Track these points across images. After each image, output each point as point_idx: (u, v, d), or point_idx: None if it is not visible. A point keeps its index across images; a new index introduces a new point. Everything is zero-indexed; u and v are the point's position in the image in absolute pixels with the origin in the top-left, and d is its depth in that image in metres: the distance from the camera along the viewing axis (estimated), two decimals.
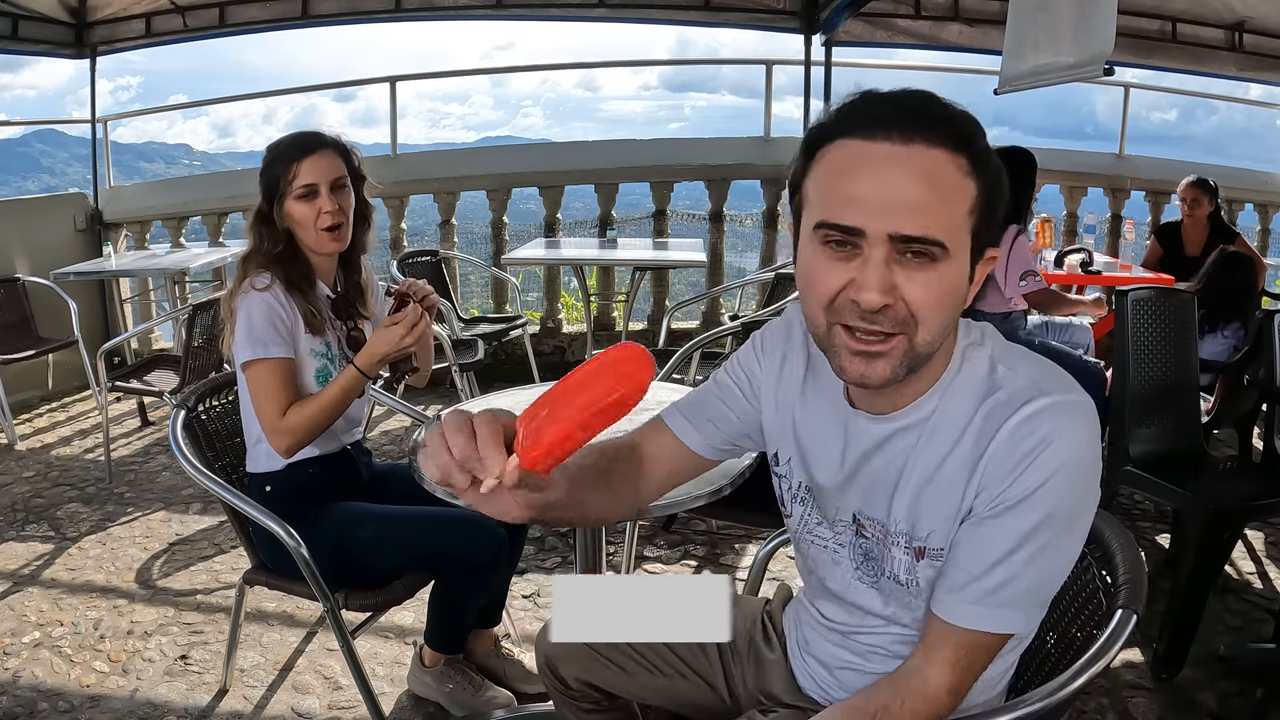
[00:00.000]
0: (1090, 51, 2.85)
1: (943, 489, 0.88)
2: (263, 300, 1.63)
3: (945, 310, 0.81)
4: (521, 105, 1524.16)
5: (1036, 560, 0.84)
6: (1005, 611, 0.86)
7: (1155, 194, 4.99)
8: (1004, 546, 0.84)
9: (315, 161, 1.67)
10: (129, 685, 2.04)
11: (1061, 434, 0.82)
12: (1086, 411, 0.84)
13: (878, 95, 0.82)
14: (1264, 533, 2.78)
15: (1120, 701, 1.93)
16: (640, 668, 1.21)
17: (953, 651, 0.87)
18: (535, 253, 4.30)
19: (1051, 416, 0.82)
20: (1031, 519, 0.83)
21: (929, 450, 0.89)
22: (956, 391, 0.88)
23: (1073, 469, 0.82)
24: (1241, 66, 4.85)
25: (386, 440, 3.81)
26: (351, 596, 1.68)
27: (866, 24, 4.84)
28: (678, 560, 2.64)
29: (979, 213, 0.81)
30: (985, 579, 0.85)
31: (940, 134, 0.78)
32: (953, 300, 0.81)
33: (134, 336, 4.76)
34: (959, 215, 0.79)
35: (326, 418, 1.67)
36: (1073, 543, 0.87)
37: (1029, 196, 3.03)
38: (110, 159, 5.38)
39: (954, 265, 0.80)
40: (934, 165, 0.78)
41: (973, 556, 0.86)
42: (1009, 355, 0.89)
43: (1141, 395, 2.32)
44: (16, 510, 3.10)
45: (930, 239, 0.77)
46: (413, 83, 6.41)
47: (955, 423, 0.87)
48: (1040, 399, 0.83)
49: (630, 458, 1.05)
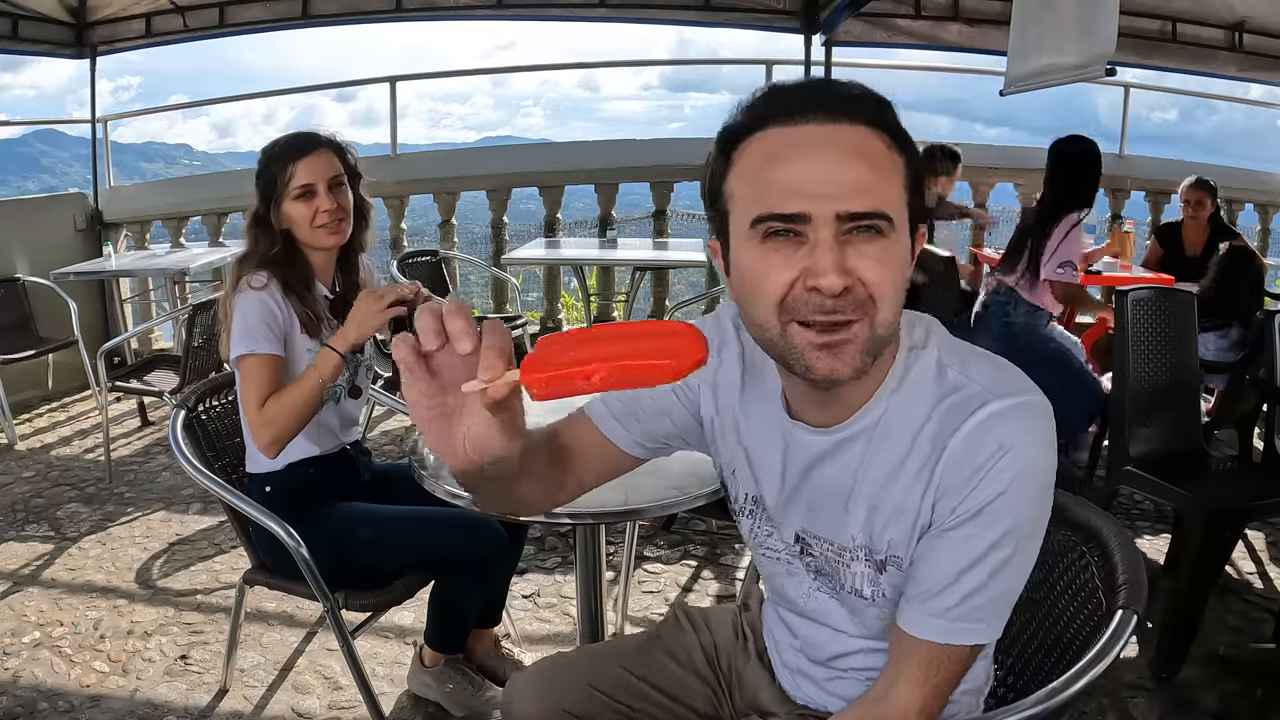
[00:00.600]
0: (1092, 52, 2.86)
1: (899, 497, 0.85)
2: (258, 299, 1.64)
3: (899, 286, 0.77)
4: (522, 105, 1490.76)
5: (1001, 572, 0.82)
6: (970, 625, 0.84)
7: (1155, 194, 5.00)
8: (967, 559, 0.82)
9: (311, 161, 1.67)
10: (129, 685, 2.04)
11: (1018, 440, 0.79)
12: (1042, 413, 0.82)
13: (787, 84, 0.80)
14: (1264, 533, 2.78)
15: (1120, 702, 1.93)
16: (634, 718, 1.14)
17: (920, 670, 0.85)
18: (535, 253, 4.30)
19: (1007, 421, 0.80)
20: (995, 531, 0.81)
21: (881, 457, 0.85)
22: (905, 395, 0.84)
23: (1031, 475, 0.80)
24: (1241, 66, 4.85)
25: (386, 440, 3.81)
26: (351, 596, 1.68)
27: (866, 24, 4.84)
28: (678, 560, 2.64)
29: (910, 187, 0.78)
30: (949, 593, 0.83)
31: (860, 111, 0.76)
32: (903, 275, 0.78)
33: (134, 336, 4.76)
34: (896, 188, 0.77)
35: (306, 406, 1.62)
36: (1033, 549, 0.85)
37: (1092, 187, 2.97)
38: (110, 159, 5.38)
39: (900, 239, 0.77)
40: (864, 140, 0.75)
41: (935, 570, 0.84)
42: (956, 354, 0.86)
43: (1141, 395, 2.31)
44: (16, 510, 3.10)
45: (879, 213, 0.74)
46: (413, 83, 6.41)
47: (907, 427, 0.84)
48: (995, 402, 0.80)
49: (550, 448, 0.96)
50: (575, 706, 1.11)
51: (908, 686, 0.85)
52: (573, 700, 1.12)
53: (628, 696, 1.13)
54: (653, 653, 1.16)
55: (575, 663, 1.20)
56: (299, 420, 1.63)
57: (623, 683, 1.13)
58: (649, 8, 5.00)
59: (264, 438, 1.62)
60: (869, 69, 5.53)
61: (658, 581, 2.52)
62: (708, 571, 2.59)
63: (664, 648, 1.17)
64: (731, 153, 0.79)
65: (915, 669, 0.85)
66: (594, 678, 1.13)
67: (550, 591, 2.46)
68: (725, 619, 1.19)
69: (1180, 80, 5.27)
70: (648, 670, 1.14)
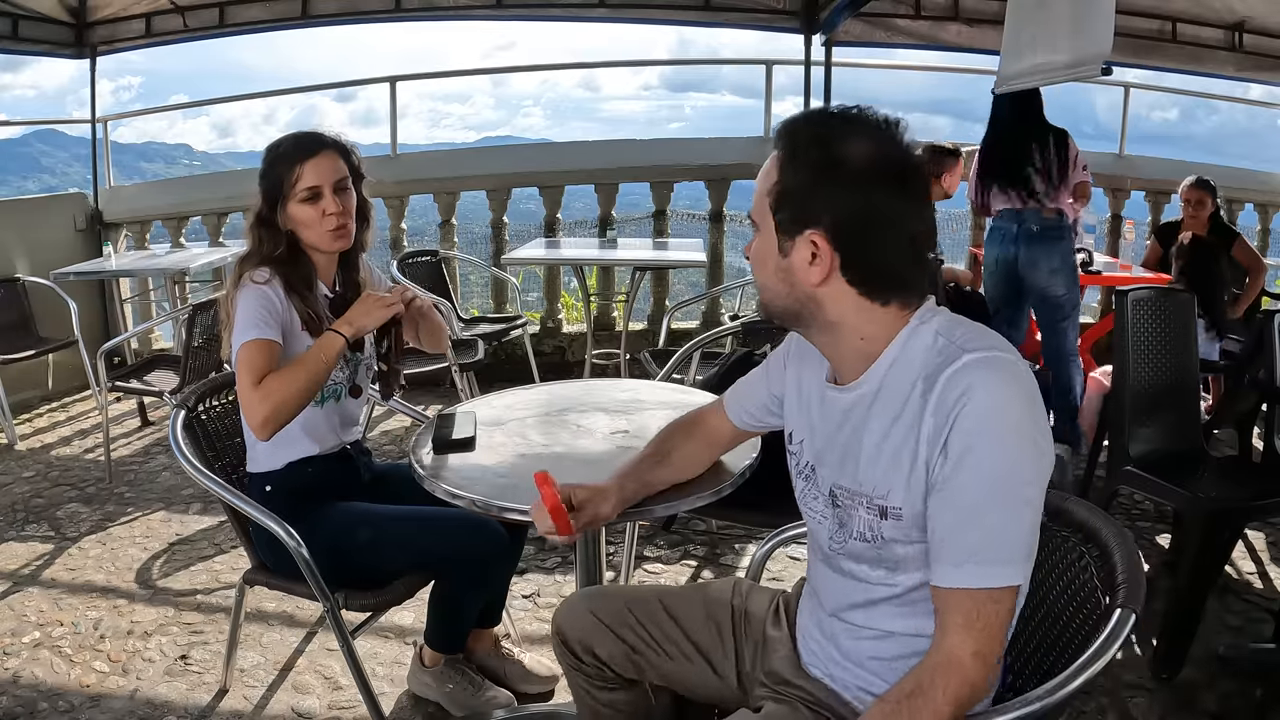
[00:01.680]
0: (1088, 51, 2.85)
1: (894, 450, 0.98)
2: (260, 291, 1.63)
3: (759, 272, 1.04)
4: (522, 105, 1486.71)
5: (1005, 512, 0.92)
6: (993, 566, 0.91)
7: (1155, 194, 4.99)
8: (966, 504, 0.92)
9: (318, 163, 1.67)
10: (129, 685, 2.04)
11: (981, 384, 0.92)
12: (1006, 365, 0.94)
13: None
14: (1264, 533, 2.78)
15: (1120, 701, 1.93)
16: (648, 648, 1.26)
17: (962, 616, 0.92)
18: (535, 253, 4.30)
19: (972, 369, 0.93)
20: (981, 474, 0.91)
21: (879, 416, 1.00)
22: (902, 363, 0.99)
23: (998, 416, 0.91)
24: (1241, 66, 4.85)
25: (386, 440, 3.81)
26: (351, 596, 1.68)
27: (866, 24, 4.84)
28: (678, 560, 2.64)
29: (781, 194, 0.99)
30: (965, 538, 0.92)
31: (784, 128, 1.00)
32: (761, 265, 1.03)
33: (134, 336, 4.76)
34: (762, 198, 1.01)
35: (305, 385, 1.59)
36: (1029, 490, 0.93)
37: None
38: (110, 159, 5.38)
39: (760, 238, 1.02)
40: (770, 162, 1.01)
41: (946, 522, 0.94)
42: (949, 325, 0.99)
43: (1141, 395, 2.32)
44: (16, 510, 3.10)
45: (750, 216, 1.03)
46: (413, 83, 6.40)
47: (901, 390, 0.98)
48: (964, 355, 0.94)
49: (691, 432, 1.36)
50: (607, 617, 1.28)
51: (955, 634, 0.92)
52: (606, 611, 1.29)
53: (653, 625, 1.27)
54: (691, 599, 1.31)
55: (623, 588, 1.51)
56: (296, 399, 1.58)
57: (654, 613, 1.28)
58: (649, 8, 5.00)
59: (258, 415, 1.55)
60: (869, 69, 5.52)
61: (657, 581, 2.52)
62: (708, 571, 2.59)
63: (703, 598, 1.31)
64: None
65: (957, 617, 0.92)
66: (631, 599, 1.31)
67: (550, 591, 2.46)
68: (766, 596, 1.30)
69: (1180, 80, 5.27)
70: (679, 611, 1.28)
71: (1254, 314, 3.64)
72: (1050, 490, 1.20)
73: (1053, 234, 3.28)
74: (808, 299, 1.00)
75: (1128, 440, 2.29)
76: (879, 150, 0.95)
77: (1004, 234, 3.36)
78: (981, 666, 0.91)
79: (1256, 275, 3.85)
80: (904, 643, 1.03)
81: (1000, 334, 1.00)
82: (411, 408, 2.23)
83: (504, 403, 1.84)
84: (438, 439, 1.59)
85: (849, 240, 0.96)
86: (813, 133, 0.98)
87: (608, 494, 1.26)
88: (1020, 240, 3.31)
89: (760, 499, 1.51)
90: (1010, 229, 3.33)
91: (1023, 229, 3.30)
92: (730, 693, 1.25)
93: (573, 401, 1.84)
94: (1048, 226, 3.28)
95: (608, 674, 1.29)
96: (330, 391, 1.77)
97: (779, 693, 1.14)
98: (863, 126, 0.97)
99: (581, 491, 1.25)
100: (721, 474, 1.40)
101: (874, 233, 0.96)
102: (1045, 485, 0.95)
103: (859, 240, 0.97)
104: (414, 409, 2.22)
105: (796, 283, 1.00)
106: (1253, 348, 2.85)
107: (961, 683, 0.90)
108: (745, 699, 1.22)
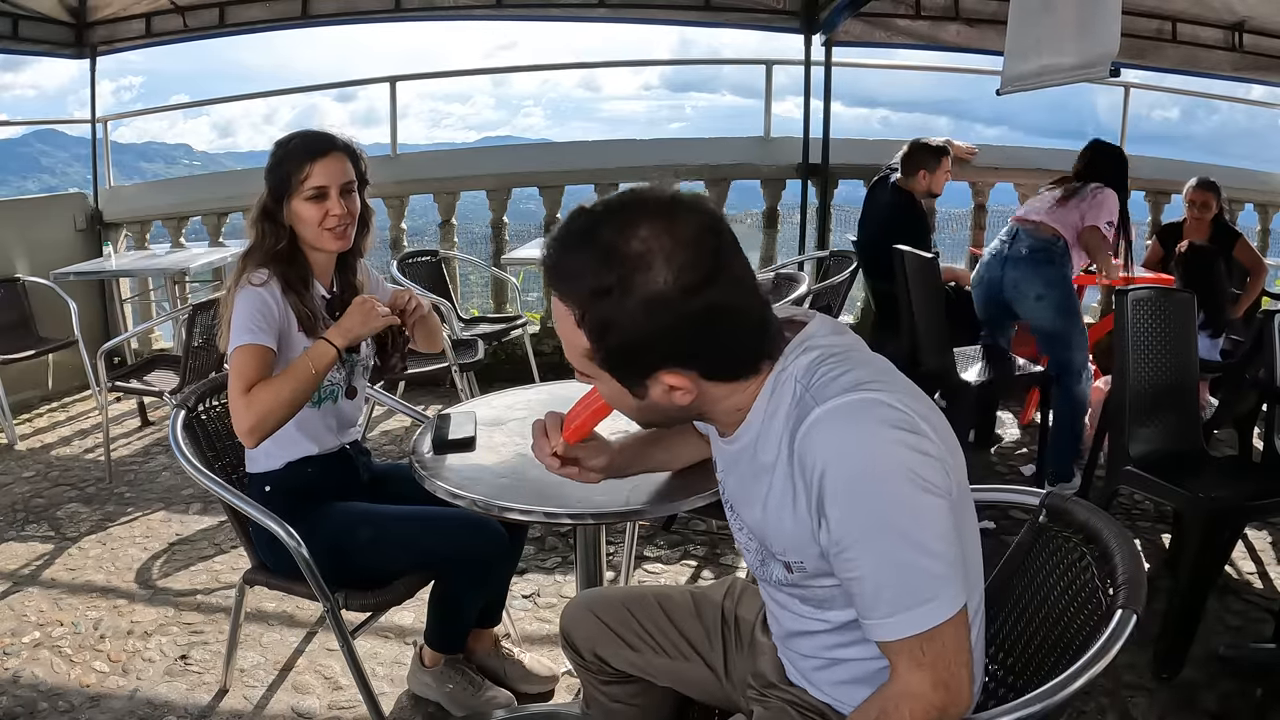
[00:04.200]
0: (1094, 53, 2.85)
1: (777, 510, 0.95)
2: (256, 294, 1.64)
3: (619, 409, 1.00)
4: (523, 105, 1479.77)
5: (909, 556, 0.86)
6: (920, 610, 0.87)
7: (1155, 194, 4.99)
8: (869, 564, 0.88)
9: (328, 164, 1.68)
10: (129, 685, 2.04)
11: (830, 446, 0.87)
12: (851, 410, 0.88)
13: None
14: (1264, 533, 2.78)
15: (1120, 702, 1.93)
16: (647, 646, 1.28)
17: (908, 658, 0.89)
18: (535, 253, 4.30)
19: (819, 429, 0.88)
20: (866, 531, 0.87)
21: (761, 471, 0.96)
22: (768, 420, 0.94)
23: (858, 469, 0.86)
24: (1241, 67, 4.84)
25: (386, 440, 3.81)
26: (351, 596, 1.68)
27: (866, 24, 4.84)
28: (678, 560, 2.64)
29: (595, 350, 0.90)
30: (879, 595, 0.88)
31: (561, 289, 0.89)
32: (619, 405, 0.98)
33: (134, 336, 4.76)
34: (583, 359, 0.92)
35: (293, 395, 1.58)
36: (928, 518, 0.87)
37: (1123, 181, 3.14)
38: (110, 159, 5.37)
39: (601, 384, 0.96)
40: (560, 313, 0.91)
41: (856, 583, 0.90)
42: (813, 365, 0.93)
43: (1141, 395, 2.31)
44: (16, 510, 3.10)
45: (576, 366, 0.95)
46: (414, 83, 6.40)
47: (770, 452, 0.94)
48: (814, 410, 0.89)
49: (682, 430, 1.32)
50: (608, 618, 1.31)
51: (909, 673, 0.89)
52: (607, 612, 1.32)
53: (651, 624, 1.29)
54: (684, 598, 1.33)
55: (623, 589, 1.53)
56: (284, 409, 1.58)
57: (651, 612, 1.30)
58: (649, 8, 4.99)
59: (245, 422, 1.56)
60: (869, 69, 5.52)
61: (657, 581, 2.51)
62: (708, 571, 2.59)
63: (694, 598, 1.32)
64: None
65: (904, 659, 0.89)
66: (629, 600, 1.33)
67: (550, 591, 2.46)
68: (757, 601, 1.27)
69: (1180, 80, 5.26)
70: (674, 610, 1.30)
71: (1254, 314, 3.64)
72: (1051, 491, 1.21)
73: (1041, 256, 3.04)
74: (680, 411, 0.96)
75: (1128, 440, 2.29)
76: (679, 247, 0.84)
77: (995, 252, 3.22)
78: (946, 694, 0.88)
79: (1257, 276, 3.85)
80: (855, 667, 1.03)
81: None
82: (411, 408, 2.23)
83: (504, 403, 1.84)
84: (438, 439, 1.59)
85: (703, 355, 0.90)
86: (598, 275, 0.84)
87: (605, 449, 1.27)
88: (1008, 262, 3.13)
89: None
90: (1003, 248, 3.18)
91: (1013, 248, 3.12)
92: (724, 691, 1.26)
93: (573, 401, 1.83)
94: (1036, 248, 3.05)
95: (610, 670, 1.31)
96: (327, 393, 1.77)
97: (765, 695, 1.14)
98: (640, 230, 0.84)
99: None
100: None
101: (723, 333, 0.89)
102: (951, 500, 0.88)
103: (711, 349, 0.89)
104: (414, 409, 2.22)
105: (665, 408, 0.95)
106: (1252, 348, 2.85)
107: (928, 708, 0.88)
108: (738, 698, 1.22)
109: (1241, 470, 2.68)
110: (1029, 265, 3.08)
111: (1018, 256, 3.11)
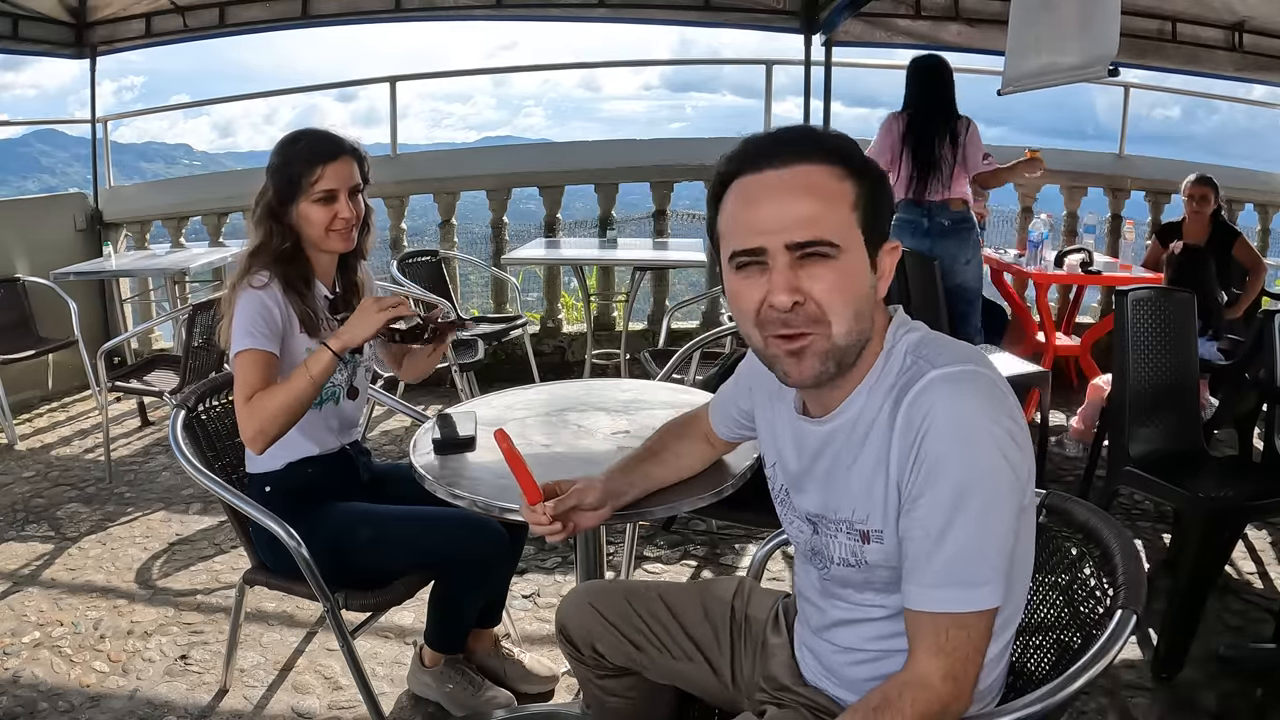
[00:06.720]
0: (1094, 53, 2.85)
1: (868, 474, 0.96)
2: (257, 297, 1.63)
3: (850, 300, 0.92)
4: (523, 105, 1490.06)
5: (973, 530, 0.88)
6: (966, 590, 0.89)
7: (1155, 194, 4.99)
8: (935, 526, 0.89)
9: (338, 168, 1.68)
10: (129, 685, 2.04)
11: (941, 404, 0.89)
12: (974, 379, 0.90)
13: (757, 136, 0.95)
14: (1264, 533, 2.78)
15: (1120, 702, 1.93)
16: (649, 644, 1.27)
17: (932, 639, 0.90)
18: (535, 253, 4.30)
19: (932, 389, 0.90)
20: (948, 490, 0.88)
21: (855, 443, 0.97)
22: (877, 389, 0.96)
23: (961, 431, 0.88)
24: (1241, 66, 4.84)
25: (386, 440, 3.81)
26: (351, 596, 1.68)
27: (866, 24, 4.84)
28: (678, 560, 2.64)
29: (863, 209, 0.92)
30: (934, 559, 0.89)
31: (813, 150, 0.92)
32: (855, 289, 0.92)
33: (134, 336, 4.76)
34: (843, 214, 0.91)
35: (293, 403, 1.58)
36: (1003, 506, 0.89)
37: (951, 94, 3.46)
38: (110, 159, 5.37)
39: (849, 259, 0.91)
40: (813, 178, 0.91)
41: (916, 543, 0.91)
42: (919, 344, 0.97)
43: (1141, 395, 2.32)
44: (16, 510, 3.10)
45: (821, 240, 0.90)
46: (415, 82, 6.40)
47: (873, 416, 0.96)
48: (926, 375, 0.91)
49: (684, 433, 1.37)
50: (608, 611, 1.29)
51: (925, 656, 0.90)
52: (607, 605, 1.30)
53: (653, 620, 1.27)
54: (690, 595, 1.31)
55: (625, 583, 1.49)
56: (285, 416, 1.58)
57: (654, 608, 1.28)
58: (649, 8, 5.00)
59: (248, 430, 1.58)
60: (869, 69, 5.51)
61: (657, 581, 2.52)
62: (708, 571, 2.59)
63: (702, 596, 1.30)
64: (719, 201, 0.97)
65: (927, 639, 0.90)
66: (631, 594, 1.31)
67: (550, 591, 2.46)
68: (769, 599, 1.28)
69: (1181, 80, 5.26)
70: (679, 607, 1.28)
71: (1254, 314, 3.64)
72: (1051, 491, 1.21)
73: (964, 226, 3.42)
74: (871, 324, 0.95)
75: (1128, 440, 2.29)
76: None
77: (914, 227, 3.39)
78: (954, 688, 0.89)
79: (1257, 275, 3.85)
80: (900, 660, 1.00)
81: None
82: (411, 408, 2.23)
83: (504, 403, 1.84)
84: (438, 439, 1.59)
85: (885, 226, 0.96)
86: (840, 138, 0.95)
87: (593, 484, 1.26)
88: (933, 234, 3.38)
89: (760, 499, 1.50)
90: (920, 222, 3.38)
91: (934, 223, 3.36)
92: (725, 693, 1.24)
93: (573, 401, 1.84)
94: (958, 219, 3.40)
95: (607, 664, 1.30)
96: (329, 394, 1.77)
97: (779, 698, 1.13)
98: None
99: (565, 483, 1.26)
100: (722, 474, 1.40)
101: (886, 210, 0.97)
102: (1023, 502, 0.92)
103: (886, 222, 0.97)
104: (414, 409, 2.22)
105: (876, 304, 0.96)
106: (1252, 348, 2.85)
107: (931, 700, 0.88)
108: (742, 700, 1.21)
109: (1241, 470, 2.68)
110: (955, 235, 3.44)
111: (942, 229, 3.44)
